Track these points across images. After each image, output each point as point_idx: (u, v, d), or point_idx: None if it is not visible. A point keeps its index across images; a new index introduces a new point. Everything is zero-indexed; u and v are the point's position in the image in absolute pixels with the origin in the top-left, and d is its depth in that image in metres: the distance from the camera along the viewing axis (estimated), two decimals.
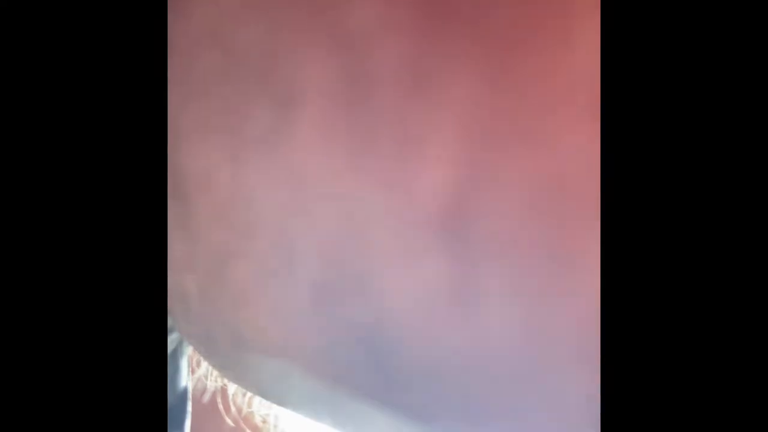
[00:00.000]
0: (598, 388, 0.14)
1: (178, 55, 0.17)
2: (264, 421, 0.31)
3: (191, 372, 0.28)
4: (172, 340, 0.24)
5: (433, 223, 0.15)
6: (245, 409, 0.30)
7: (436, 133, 0.15)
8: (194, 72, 0.17)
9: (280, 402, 0.21)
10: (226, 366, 0.21)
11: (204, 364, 0.29)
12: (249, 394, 0.30)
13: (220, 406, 0.30)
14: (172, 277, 0.19)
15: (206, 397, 0.30)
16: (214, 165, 0.17)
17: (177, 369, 0.24)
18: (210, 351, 0.21)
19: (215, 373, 0.29)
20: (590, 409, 0.15)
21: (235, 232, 0.17)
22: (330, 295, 0.17)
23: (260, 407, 0.30)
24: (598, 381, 0.14)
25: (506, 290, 0.15)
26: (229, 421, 0.31)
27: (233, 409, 0.30)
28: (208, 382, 0.30)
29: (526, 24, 0.15)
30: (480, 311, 0.16)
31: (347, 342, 0.17)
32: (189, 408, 0.25)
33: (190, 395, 0.25)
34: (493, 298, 0.15)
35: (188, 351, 0.26)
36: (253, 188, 0.17)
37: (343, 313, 0.17)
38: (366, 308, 0.16)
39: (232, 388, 0.30)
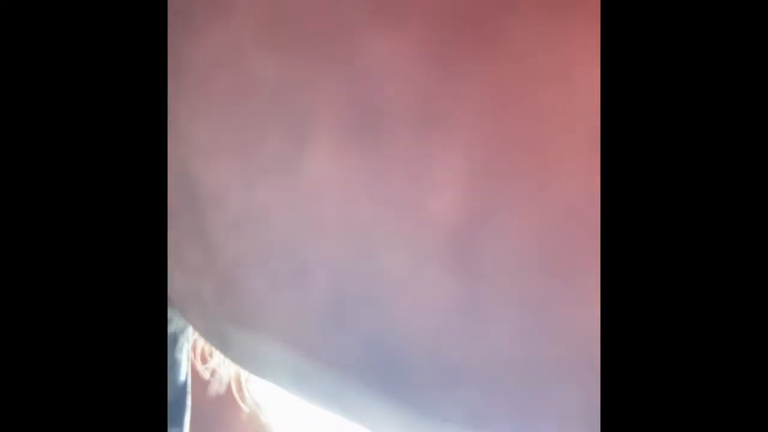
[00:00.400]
0: (598, 396, 0.15)
1: (192, 73, 0.18)
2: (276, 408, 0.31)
3: (203, 361, 0.29)
4: (171, 336, 0.24)
5: (444, 247, 0.16)
6: (258, 396, 0.30)
7: (445, 164, 0.16)
8: (209, 92, 0.18)
9: (297, 393, 0.21)
10: (241, 359, 0.21)
11: (217, 354, 0.29)
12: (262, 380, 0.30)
13: (236, 394, 0.31)
14: (189, 280, 0.19)
15: (222, 388, 0.30)
16: (228, 182, 0.18)
17: (176, 365, 0.25)
18: (225, 346, 0.21)
19: (227, 361, 0.29)
20: (590, 415, 0.16)
21: (249, 245, 0.18)
22: (341, 305, 0.17)
23: (275, 393, 0.31)
24: (598, 389, 0.15)
25: (511, 309, 0.16)
26: (245, 407, 0.31)
27: (248, 396, 0.31)
28: (222, 370, 0.30)
29: (528, 62, 0.15)
30: (486, 329, 0.16)
31: (359, 344, 0.18)
32: (188, 403, 0.25)
33: (189, 390, 0.25)
34: (498, 317, 0.16)
35: (188, 347, 0.26)
36: (265, 207, 0.17)
37: (354, 321, 0.17)
38: (376, 318, 0.17)
39: (245, 374, 0.30)
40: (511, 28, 0.15)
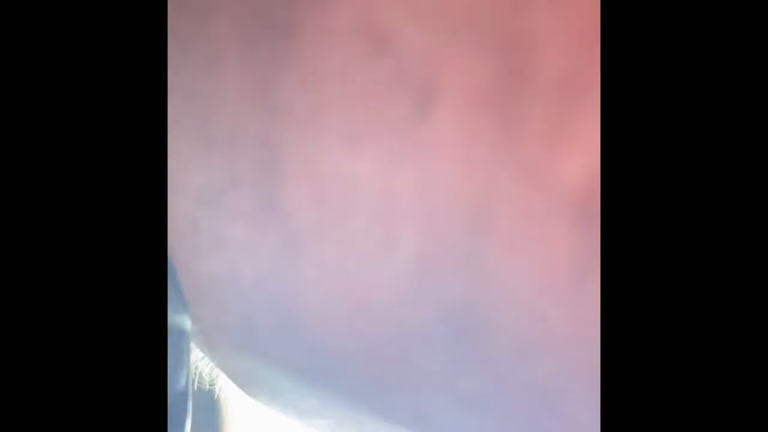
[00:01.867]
0: None
1: (312, 43, 0.17)
2: None
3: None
4: (172, 339, 0.24)
5: (571, 202, 0.15)
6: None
7: (581, 127, 0.15)
8: (332, 56, 0.17)
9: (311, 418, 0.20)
10: (253, 371, 0.20)
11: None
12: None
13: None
14: (225, 258, 0.19)
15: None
16: (325, 147, 0.17)
17: (178, 367, 0.25)
18: (238, 345, 0.20)
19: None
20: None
21: (331, 210, 0.17)
22: (427, 272, 0.16)
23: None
24: None
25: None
26: None
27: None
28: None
29: None
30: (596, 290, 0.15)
31: (438, 315, 0.17)
32: (190, 408, 0.25)
33: (191, 394, 0.25)
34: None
35: (189, 355, 0.26)
36: (361, 168, 0.17)
37: (437, 291, 0.16)
38: (465, 286, 0.16)
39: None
40: None
